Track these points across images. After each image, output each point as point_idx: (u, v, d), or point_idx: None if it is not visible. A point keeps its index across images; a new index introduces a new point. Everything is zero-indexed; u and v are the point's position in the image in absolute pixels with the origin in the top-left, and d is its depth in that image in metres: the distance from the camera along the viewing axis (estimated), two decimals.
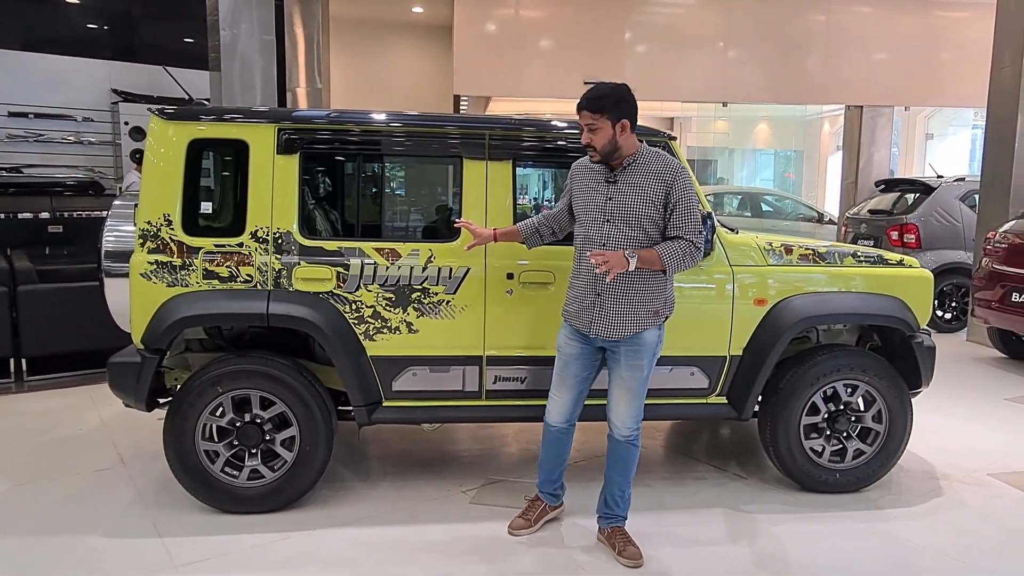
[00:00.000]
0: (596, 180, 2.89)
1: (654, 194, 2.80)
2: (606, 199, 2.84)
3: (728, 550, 3.07)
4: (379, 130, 3.39)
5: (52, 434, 4.34)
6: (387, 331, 3.29)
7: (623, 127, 2.79)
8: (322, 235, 3.45)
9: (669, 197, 2.80)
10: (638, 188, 2.81)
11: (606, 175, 2.87)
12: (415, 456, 4.05)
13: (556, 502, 3.26)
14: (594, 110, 2.76)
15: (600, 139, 2.77)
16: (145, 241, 3.19)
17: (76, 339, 5.46)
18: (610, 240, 2.82)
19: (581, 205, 2.92)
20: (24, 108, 7.55)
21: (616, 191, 2.84)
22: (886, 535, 3.22)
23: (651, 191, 2.81)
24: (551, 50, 10.76)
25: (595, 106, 2.76)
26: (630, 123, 2.80)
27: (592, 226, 2.86)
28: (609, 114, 2.75)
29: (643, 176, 2.82)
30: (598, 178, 2.89)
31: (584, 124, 2.79)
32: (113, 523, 3.23)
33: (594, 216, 2.86)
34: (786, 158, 18.82)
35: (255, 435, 3.26)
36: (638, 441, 2.98)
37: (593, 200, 2.87)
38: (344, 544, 3.06)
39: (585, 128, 2.80)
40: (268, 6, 6.61)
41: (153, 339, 3.16)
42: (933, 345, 3.68)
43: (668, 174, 2.81)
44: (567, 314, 2.98)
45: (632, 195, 2.81)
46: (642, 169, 2.83)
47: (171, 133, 3.22)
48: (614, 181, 2.85)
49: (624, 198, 2.82)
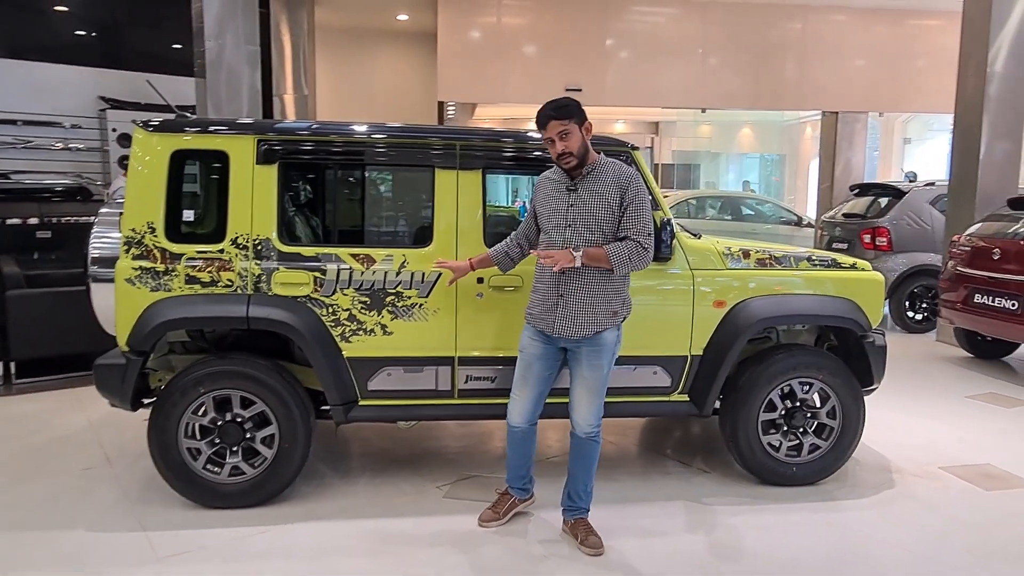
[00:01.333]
0: (558, 189, 3.06)
1: (611, 199, 2.98)
2: (568, 206, 3.01)
3: (686, 540, 3.24)
4: (354, 141, 3.54)
5: (40, 435, 4.46)
6: (363, 333, 3.44)
7: (587, 129, 3.00)
8: (300, 241, 3.60)
9: (623, 201, 2.97)
10: (596, 194, 2.99)
11: (567, 183, 3.04)
12: (392, 454, 4.19)
13: (525, 495, 3.42)
14: (562, 117, 2.94)
15: (574, 143, 2.95)
16: (130, 248, 3.33)
17: (63, 342, 5.57)
18: (571, 244, 2.98)
19: (545, 213, 3.08)
20: (12, 115, 7.66)
21: (577, 198, 3.00)
22: (838, 525, 3.39)
23: (608, 196, 2.98)
24: (533, 57, 10.96)
25: (562, 113, 2.94)
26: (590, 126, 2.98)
27: (555, 232, 3.03)
28: (575, 118, 2.96)
29: (601, 183, 3.00)
30: (559, 187, 3.05)
31: (556, 134, 2.95)
32: (99, 518, 3.37)
33: (556, 222, 3.02)
34: (771, 162, 19.07)
35: (236, 433, 3.40)
36: (599, 438, 3.14)
37: (555, 208, 3.04)
38: (320, 537, 3.21)
39: (557, 138, 2.95)
40: (253, 16, 6.75)
41: (137, 342, 3.30)
42: (884, 344, 3.86)
43: (623, 180, 2.99)
44: (531, 316, 3.14)
45: (591, 201, 2.98)
46: (599, 177, 3.01)
47: (155, 144, 3.37)
48: (574, 189, 3.02)
49: (584, 204, 2.99)
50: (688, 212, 11.53)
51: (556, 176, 3.09)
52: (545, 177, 3.16)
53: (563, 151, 2.96)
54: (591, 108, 3.20)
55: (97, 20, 9.51)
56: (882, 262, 7.95)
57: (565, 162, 2.99)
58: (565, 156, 2.97)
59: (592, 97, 11.12)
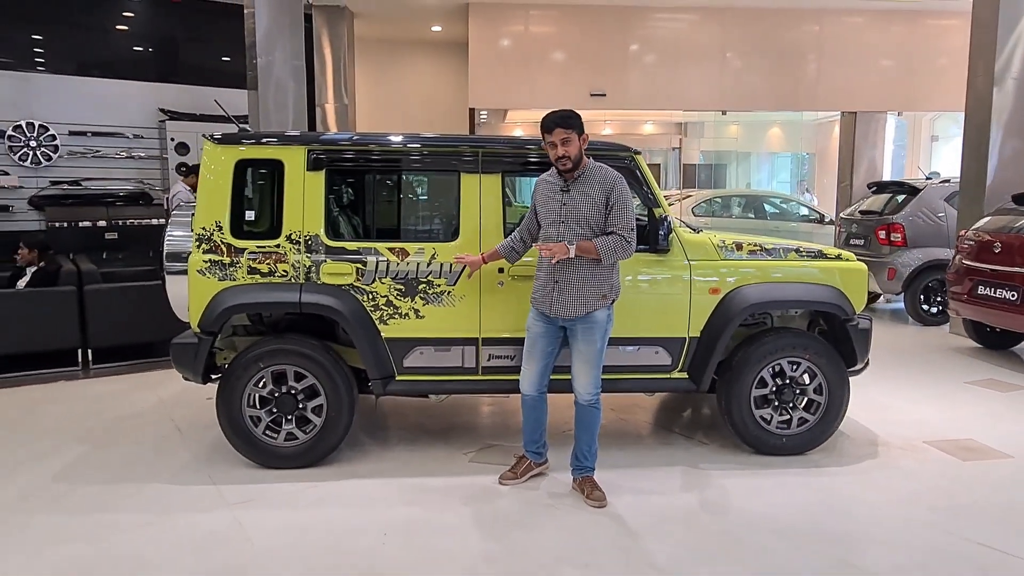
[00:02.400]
0: (553, 190, 3.55)
1: (599, 199, 3.46)
2: (561, 205, 3.50)
3: (680, 497, 3.68)
4: (390, 150, 4.08)
5: (118, 411, 5.09)
6: (398, 317, 3.96)
7: (584, 139, 3.49)
8: (344, 237, 4.13)
9: (609, 200, 3.45)
10: (586, 195, 3.48)
11: (561, 185, 3.53)
12: (425, 426, 4.71)
13: (540, 459, 3.89)
14: (567, 127, 3.43)
15: (573, 149, 3.44)
16: (201, 243, 3.90)
17: (134, 332, 6.24)
18: (564, 237, 3.47)
19: (542, 212, 3.57)
20: (82, 127, 8.42)
21: (569, 198, 3.49)
22: (818, 487, 3.80)
23: (596, 197, 3.47)
24: (559, 64, 11.42)
25: (567, 124, 3.44)
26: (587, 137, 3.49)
27: (550, 227, 3.52)
28: (576, 129, 3.45)
29: (590, 185, 3.49)
30: (554, 188, 3.55)
31: (559, 140, 3.44)
32: (176, 475, 3.95)
33: (552, 219, 3.52)
34: (801, 161, 19.17)
35: (290, 403, 3.95)
36: (599, 404, 3.61)
37: (551, 207, 3.53)
38: (362, 491, 3.73)
39: (559, 143, 3.44)
40: (299, 34, 7.36)
41: (207, 324, 3.87)
42: (868, 328, 4.24)
43: (609, 182, 3.48)
44: (534, 300, 3.63)
45: (581, 201, 3.47)
46: (589, 180, 3.50)
47: (220, 154, 3.93)
48: (567, 190, 3.51)
49: (575, 203, 3.48)
50: (713, 211, 11.85)
51: (552, 179, 3.59)
52: (543, 179, 3.65)
53: (562, 155, 3.44)
54: (617, 111, 3.70)
55: (154, 37, 10.27)
56: (897, 257, 8.23)
57: (562, 164, 3.47)
58: (563, 159, 3.45)
59: (616, 101, 11.56)
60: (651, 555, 3.09)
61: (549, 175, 3.64)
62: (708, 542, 3.22)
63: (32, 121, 8.15)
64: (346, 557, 3.08)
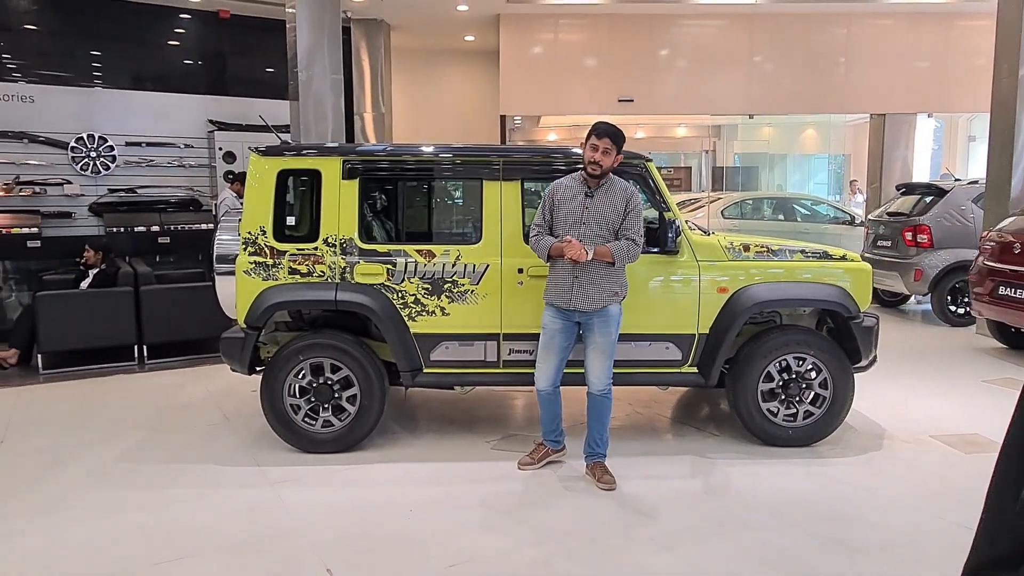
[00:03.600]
0: (575, 193, 3.85)
1: (619, 206, 3.80)
2: (584, 208, 3.81)
3: (685, 482, 3.94)
4: (418, 159, 4.42)
5: (171, 401, 5.53)
6: (425, 314, 4.29)
7: (618, 159, 3.83)
8: (376, 240, 4.48)
9: (626, 208, 3.79)
10: (609, 202, 3.81)
11: (585, 191, 3.82)
12: (451, 417, 5.04)
13: (558, 447, 4.18)
14: (614, 141, 3.78)
15: (608, 160, 3.78)
16: (247, 246, 4.29)
17: (185, 329, 6.70)
18: (583, 237, 3.78)
19: (562, 211, 3.86)
20: (137, 138, 8.98)
21: (592, 203, 3.80)
22: (819, 474, 4.00)
23: (617, 204, 3.80)
24: (589, 70, 11.70)
25: (616, 139, 3.79)
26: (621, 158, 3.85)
27: (570, 228, 3.82)
28: (619, 147, 3.80)
29: (612, 194, 3.83)
30: (576, 192, 3.85)
31: (603, 147, 3.75)
32: (224, 456, 4.34)
33: (572, 220, 3.82)
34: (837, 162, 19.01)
35: (327, 393, 4.30)
36: (610, 395, 3.89)
37: (572, 207, 3.83)
38: (392, 473, 4.07)
39: (601, 150, 3.75)
40: (337, 47, 7.77)
41: (253, 320, 4.25)
42: (872, 326, 4.42)
43: (629, 193, 3.87)
44: (549, 296, 3.91)
45: (604, 206, 3.79)
46: (611, 189, 3.85)
47: (264, 165, 4.32)
48: (592, 196, 3.81)
49: (598, 208, 3.80)
50: (743, 213, 11.95)
51: (573, 183, 3.89)
52: (562, 183, 3.93)
53: (598, 160, 3.75)
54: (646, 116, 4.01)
55: (203, 52, 10.86)
56: (924, 258, 8.29)
57: (592, 169, 3.78)
58: (595, 165, 3.76)
59: (644, 107, 11.77)
60: (653, 531, 3.36)
61: (569, 179, 3.93)
62: (707, 521, 3.47)
63: (93, 133, 8.74)
64: (375, 528, 3.42)
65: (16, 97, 8.46)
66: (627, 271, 4.27)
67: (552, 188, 3.95)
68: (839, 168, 18.96)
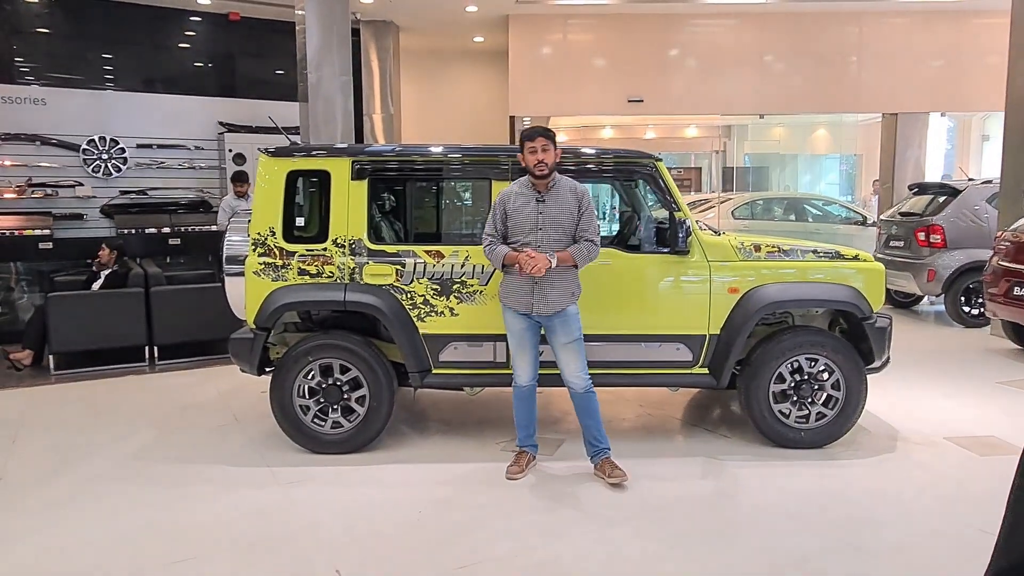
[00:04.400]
0: (527, 200, 3.84)
1: (572, 207, 3.83)
2: (537, 213, 3.82)
3: (695, 484, 3.91)
4: (427, 160, 4.41)
5: (182, 401, 5.55)
6: (434, 314, 4.28)
7: (558, 154, 3.85)
8: (385, 241, 4.47)
9: (579, 208, 3.81)
10: (560, 204, 3.83)
11: (536, 196, 3.83)
12: (461, 418, 5.02)
13: (536, 450, 4.14)
14: (547, 138, 3.81)
15: (550, 157, 3.81)
16: (256, 247, 4.29)
17: (194, 331, 6.72)
18: (541, 243, 3.79)
19: (517, 220, 3.83)
20: (149, 140, 9.04)
21: (545, 207, 3.82)
22: (830, 476, 3.96)
23: (569, 205, 3.83)
24: (598, 71, 11.66)
25: (548, 136, 3.83)
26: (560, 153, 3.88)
27: (528, 235, 3.80)
28: (553, 142, 3.82)
29: (562, 195, 3.84)
30: (528, 198, 3.84)
31: (540, 146, 3.78)
32: (234, 457, 4.35)
33: (529, 227, 3.80)
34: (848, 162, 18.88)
35: (336, 394, 4.30)
36: (593, 388, 3.91)
37: (527, 216, 3.82)
38: (401, 474, 4.06)
39: (540, 149, 3.77)
40: (347, 49, 7.78)
41: (262, 320, 4.25)
42: (885, 327, 4.37)
43: (578, 193, 3.85)
44: (508, 300, 3.88)
45: (557, 209, 3.82)
46: (560, 191, 3.85)
47: (274, 166, 4.32)
48: (543, 200, 3.83)
49: (551, 212, 3.82)
50: (753, 214, 11.88)
51: (523, 189, 3.87)
52: (512, 191, 3.90)
53: (541, 160, 3.77)
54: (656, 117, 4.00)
55: (213, 54, 10.90)
56: (937, 259, 8.21)
57: (539, 169, 3.79)
58: (541, 164, 3.78)
59: (654, 106, 11.72)
60: (663, 533, 3.33)
61: (517, 186, 3.91)
62: (717, 521, 3.44)
63: (104, 135, 8.79)
64: (384, 527, 3.41)
65: (28, 100, 8.53)
66: (638, 271, 4.28)
67: (502, 197, 3.92)
68: (851, 168, 18.83)
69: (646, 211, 4.73)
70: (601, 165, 4.51)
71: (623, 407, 5.25)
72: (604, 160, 4.51)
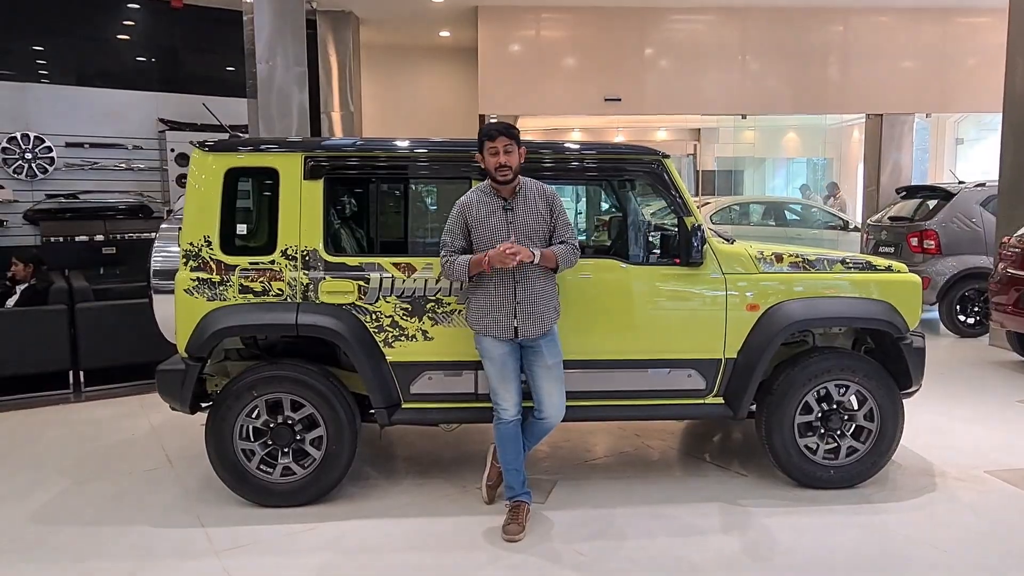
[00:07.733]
0: (493, 208, 3.29)
1: (543, 211, 3.33)
2: (507, 222, 3.26)
3: (720, 540, 3.29)
4: (395, 156, 3.74)
5: (107, 438, 4.75)
6: (404, 339, 3.60)
7: (522, 153, 3.29)
8: (345, 252, 3.78)
9: (551, 212, 3.33)
10: (530, 210, 3.29)
11: (502, 204, 3.28)
12: (435, 456, 4.34)
13: (530, 498, 3.49)
14: (510, 137, 3.24)
15: (514, 159, 3.24)
16: (188, 260, 3.56)
17: (128, 352, 5.89)
18: None
19: (481, 230, 3.27)
20: (80, 138, 8.16)
21: (514, 215, 3.27)
22: (873, 527, 3.39)
23: (540, 211, 3.31)
24: (572, 69, 11.11)
25: (511, 134, 3.26)
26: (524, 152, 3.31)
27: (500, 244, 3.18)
28: (517, 141, 3.26)
29: (530, 200, 3.31)
30: (493, 207, 3.29)
31: (502, 147, 3.20)
32: (162, 515, 3.60)
33: (499, 237, 3.22)
34: (819, 166, 18.73)
35: (287, 435, 3.58)
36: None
37: (495, 226, 3.26)
38: (365, 533, 3.37)
39: (502, 150, 3.20)
40: (301, 39, 7.06)
41: (195, 348, 3.52)
42: (923, 346, 3.84)
43: (548, 196, 3.37)
44: (484, 327, 3.29)
45: (527, 217, 3.28)
46: (528, 195, 3.32)
47: (210, 163, 3.60)
48: (511, 208, 3.27)
49: (522, 220, 3.28)
50: (732, 218, 11.47)
51: (485, 198, 3.30)
52: (472, 201, 3.32)
53: (504, 163, 3.20)
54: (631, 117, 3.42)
55: (156, 46, 10.03)
56: (931, 265, 7.82)
57: (502, 174, 3.22)
58: (503, 169, 3.21)
59: (631, 106, 11.21)
60: None
61: (477, 194, 3.35)
62: None
63: (28, 133, 7.89)
64: None
65: None
66: (643, 285, 3.69)
67: (462, 207, 3.33)
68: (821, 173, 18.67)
69: (648, 216, 4.13)
70: (598, 163, 3.89)
71: (612, 436, 4.63)
72: (602, 157, 3.89)
